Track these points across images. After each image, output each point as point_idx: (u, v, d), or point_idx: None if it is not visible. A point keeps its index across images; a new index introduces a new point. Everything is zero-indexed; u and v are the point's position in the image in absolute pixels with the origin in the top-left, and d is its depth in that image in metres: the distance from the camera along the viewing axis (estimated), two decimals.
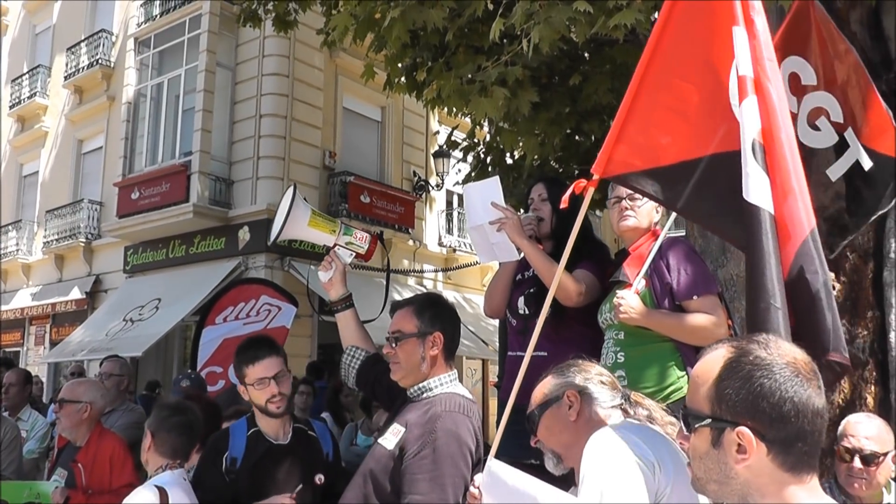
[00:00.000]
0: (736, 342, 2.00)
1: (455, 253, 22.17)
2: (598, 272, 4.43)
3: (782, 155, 2.90)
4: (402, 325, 3.65)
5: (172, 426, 4.16)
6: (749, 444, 1.83)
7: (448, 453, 3.34)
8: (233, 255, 17.64)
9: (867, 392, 5.21)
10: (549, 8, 5.43)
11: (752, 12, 3.07)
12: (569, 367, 3.01)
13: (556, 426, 2.89)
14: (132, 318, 17.63)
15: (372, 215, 18.89)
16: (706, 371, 1.96)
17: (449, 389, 3.60)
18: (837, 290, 5.37)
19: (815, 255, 2.84)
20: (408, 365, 3.60)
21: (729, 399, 1.87)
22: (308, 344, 17.56)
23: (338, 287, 4.22)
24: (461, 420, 3.45)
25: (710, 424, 1.90)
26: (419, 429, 3.42)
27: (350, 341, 4.22)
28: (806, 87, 4.21)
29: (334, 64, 19.22)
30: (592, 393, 2.89)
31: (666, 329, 3.91)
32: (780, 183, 2.88)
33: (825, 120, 4.18)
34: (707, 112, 3.09)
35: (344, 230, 4.26)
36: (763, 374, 1.86)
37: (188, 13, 18.59)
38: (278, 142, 18.10)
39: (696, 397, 1.96)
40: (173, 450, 4.13)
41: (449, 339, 3.68)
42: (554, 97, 8.09)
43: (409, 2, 6.17)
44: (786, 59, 4.16)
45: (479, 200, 4.56)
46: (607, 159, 3.20)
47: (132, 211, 18.77)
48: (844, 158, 4.16)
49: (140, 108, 19.68)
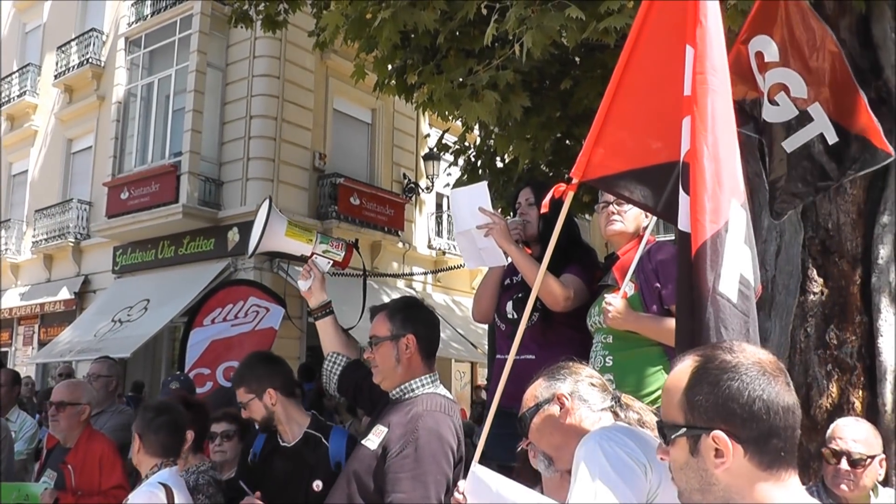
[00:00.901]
0: (701, 351, 2.03)
1: (444, 256, 22.18)
2: (586, 276, 4.45)
3: (700, 174, 2.88)
4: (377, 329, 3.73)
5: (159, 426, 4.22)
6: (725, 447, 1.85)
7: (430, 451, 3.41)
8: (222, 257, 17.63)
9: (855, 396, 5.23)
10: (541, 14, 5.45)
11: (697, 25, 3.05)
12: (559, 370, 3.01)
13: (547, 428, 2.88)
14: (121, 318, 17.60)
15: (361, 217, 18.89)
16: (676, 382, 1.98)
17: (429, 390, 3.68)
18: (825, 296, 5.40)
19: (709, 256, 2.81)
20: (384, 368, 3.68)
21: (700, 405, 1.89)
22: (297, 346, 17.57)
23: (317, 294, 4.26)
24: (442, 419, 3.53)
25: (685, 433, 1.92)
26: (401, 428, 3.49)
27: (331, 347, 4.27)
28: (768, 64, 4.30)
29: (325, 66, 19.21)
30: (583, 395, 2.88)
31: (654, 333, 3.94)
32: (695, 205, 2.88)
33: (784, 95, 4.27)
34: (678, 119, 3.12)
35: (320, 239, 4.32)
36: (730, 377, 1.88)
37: (179, 13, 18.59)
38: (268, 143, 18.09)
39: (670, 409, 1.98)
40: (163, 449, 4.20)
41: (424, 341, 3.72)
42: (545, 101, 8.11)
43: (400, 2, 6.17)
44: (753, 38, 4.30)
45: (466, 205, 4.57)
46: (586, 163, 3.22)
47: (121, 211, 18.74)
48: (805, 131, 4.24)
49: (130, 108, 19.66)
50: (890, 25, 5.41)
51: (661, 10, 3.20)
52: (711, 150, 2.89)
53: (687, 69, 3.04)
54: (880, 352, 5.19)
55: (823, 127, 4.20)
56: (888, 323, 5.21)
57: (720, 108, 2.96)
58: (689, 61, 3.04)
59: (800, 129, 4.24)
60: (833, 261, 5.43)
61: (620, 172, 3.21)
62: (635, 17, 3.30)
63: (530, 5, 5.55)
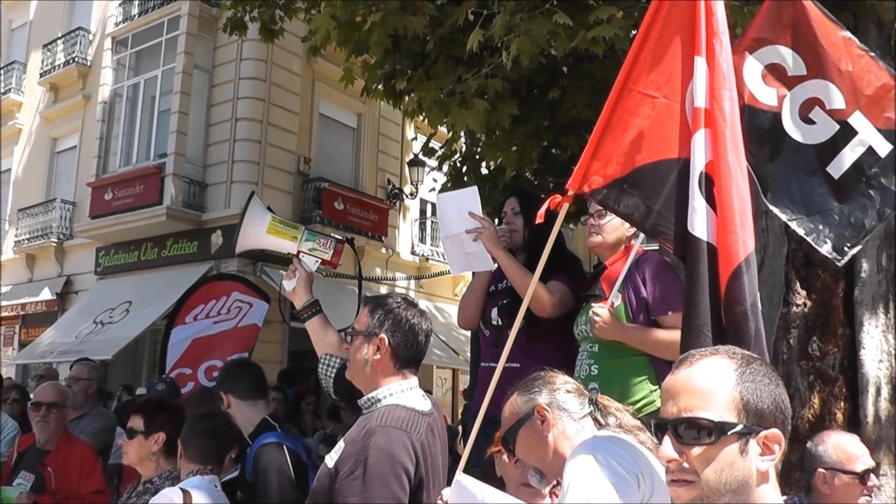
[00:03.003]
0: (726, 351, 2.05)
1: (428, 262, 22.20)
2: (571, 284, 4.48)
3: (728, 189, 2.92)
4: (358, 321, 3.44)
5: (199, 432, 4.22)
6: (780, 444, 1.90)
7: (378, 473, 3.01)
8: (205, 259, 17.55)
9: (836, 408, 5.26)
10: (529, 20, 5.46)
11: (714, 40, 3.08)
12: (533, 382, 2.96)
13: (532, 443, 2.84)
14: (102, 320, 17.51)
15: (345, 222, 18.82)
16: (715, 380, 1.96)
17: (393, 401, 3.28)
18: (808, 308, 5.44)
19: (746, 281, 2.85)
20: (354, 364, 3.38)
21: (758, 404, 1.92)
22: (279, 350, 17.47)
23: (301, 295, 4.03)
24: (396, 436, 3.11)
25: (740, 432, 1.90)
26: (353, 446, 3.14)
27: (323, 349, 4.00)
28: (793, 79, 3.79)
29: (311, 70, 19.17)
30: (562, 404, 2.85)
31: (639, 344, 3.96)
32: (725, 218, 2.92)
33: (819, 110, 3.71)
34: (671, 127, 3.15)
35: (307, 236, 4.10)
36: (776, 378, 1.96)
37: (167, 14, 18.52)
38: (253, 146, 18.06)
39: (711, 408, 1.93)
40: (202, 455, 4.18)
41: (400, 346, 3.36)
42: (532, 111, 8.12)
43: (390, 6, 6.17)
44: (762, 48, 3.78)
45: (454, 210, 4.58)
46: (582, 175, 3.24)
47: (105, 212, 18.64)
48: (850, 148, 3.62)
49: (116, 108, 19.56)
50: (875, 42, 5.46)
51: (668, 19, 3.22)
52: (742, 169, 2.95)
53: (699, 80, 3.06)
54: (862, 364, 5.23)
55: (871, 138, 3.62)
56: (870, 335, 5.25)
57: (738, 127, 3.02)
58: (700, 72, 3.06)
59: (844, 147, 3.62)
60: (816, 273, 5.47)
61: (614, 180, 3.21)
62: (640, 25, 3.30)
63: (518, 12, 5.56)
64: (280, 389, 10.23)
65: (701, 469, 1.91)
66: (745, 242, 2.88)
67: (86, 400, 7.11)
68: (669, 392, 2.04)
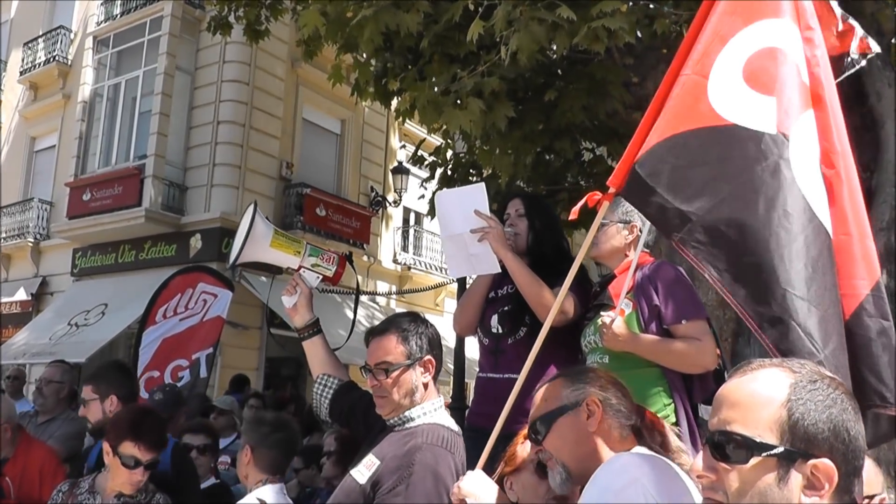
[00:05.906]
0: (792, 364, 1.75)
1: (410, 271, 22.02)
2: (578, 292, 4.23)
3: (839, 187, 2.72)
4: (389, 354, 3.30)
5: (274, 442, 4.14)
6: (830, 480, 1.59)
7: (423, 491, 3.02)
8: (183, 263, 17.13)
9: None
10: (530, 12, 5.28)
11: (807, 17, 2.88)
12: (584, 373, 2.74)
13: (572, 436, 2.57)
14: (77, 322, 17.27)
15: (327, 229, 18.68)
16: (764, 393, 1.69)
17: (432, 420, 3.29)
18: None
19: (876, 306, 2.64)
20: (399, 396, 3.27)
21: (807, 427, 1.63)
22: (256, 356, 17.32)
23: (303, 313, 3.93)
24: (442, 455, 3.14)
25: (780, 454, 1.62)
26: (396, 461, 3.12)
27: (321, 369, 3.89)
28: None
29: (295, 74, 19.08)
30: (615, 404, 2.61)
31: (652, 354, 3.75)
32: (839, 218, 2.70)
33: None
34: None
35: (310, 251, 3.99)
36: (843, 402, 1.65)
37: (149, 14, 18.35)
38: (235, 149, 17.91)
39: (752, 424, 1.67)
40: (273, 465, 4.13)
41: (438, 363, 3.38)
42: (527, 113, 7.95)
43: (382, 2, 5.97)
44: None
45: (457, 208, 4.33)
46: (625, 172, 2.91)
47: (83, 213, 18.43)
48: None
49: (96, 108, 19.35)
50: None
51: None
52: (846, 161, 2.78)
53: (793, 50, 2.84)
54: None
55: None
56: None
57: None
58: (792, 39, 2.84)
59: None
60: None
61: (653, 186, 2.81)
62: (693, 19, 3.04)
63: (519, 5, 5.38)
64: (259, 396, 10.06)
65: (730, 491, 1.66)
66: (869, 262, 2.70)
67: (56, 403, 6.90)
68: (717, 401, 1.78)
